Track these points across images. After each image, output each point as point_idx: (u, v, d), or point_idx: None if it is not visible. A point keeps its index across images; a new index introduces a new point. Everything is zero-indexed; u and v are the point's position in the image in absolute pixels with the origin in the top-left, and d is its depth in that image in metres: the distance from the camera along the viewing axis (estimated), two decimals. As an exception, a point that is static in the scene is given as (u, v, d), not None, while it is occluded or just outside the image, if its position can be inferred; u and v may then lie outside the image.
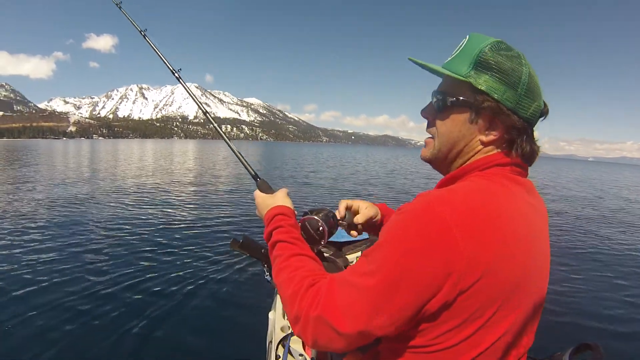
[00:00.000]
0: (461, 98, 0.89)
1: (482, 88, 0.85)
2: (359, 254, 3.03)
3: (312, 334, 0.80)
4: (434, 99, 0.95)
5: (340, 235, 1.63)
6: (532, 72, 0.88)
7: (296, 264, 0.95)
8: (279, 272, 0.96)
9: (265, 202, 1.20)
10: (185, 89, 1.76)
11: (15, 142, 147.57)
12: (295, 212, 1.17)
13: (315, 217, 1.17)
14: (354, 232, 1.33)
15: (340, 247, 3.08)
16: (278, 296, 2.30)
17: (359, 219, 1.29)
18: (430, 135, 0.98)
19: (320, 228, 1.16)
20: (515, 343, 0.84)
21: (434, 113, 0.96)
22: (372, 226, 1.36)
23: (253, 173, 1.40)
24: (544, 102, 0.90)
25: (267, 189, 1.26)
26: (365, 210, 1.31)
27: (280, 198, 1.19)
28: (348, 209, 1.31)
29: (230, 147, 1.51)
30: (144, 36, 1.88)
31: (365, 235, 3.16)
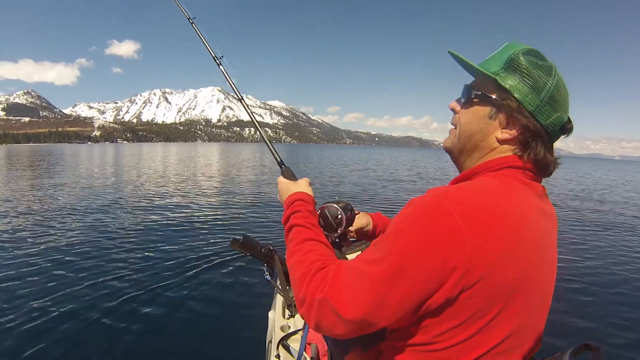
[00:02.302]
0: (484, 93, 0.93)
1: (506, 86, 0.89)
2: (359, 253, 2.90)
3: (315, 317, 0.83)
4: (462, 92, 1.00)
5: None
6: (562, 85, 0.90)
7: (308, 247, 0.99)
8: (292, 255, 1.00)
9: (288, 187, 1.25)
10: (225, 76, 1.84)
11: (42, 147, 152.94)
12: (316, 202, 1.23)
13: (335, 205, 1.23)
14: (347, 242, 1.41)
15: (340, 248, 2.95)
16: (278, 296, 2.33)
17: (354, 225, 1.38)
18: (453, 126, 1.03)
19: (339, 216, 1.22)
20: (520, 347, 0.86)
21: (460, 105, 1.01)
22: (364, 235, 1.46)
23: (279, 160, 1.47)
24: (568, 118, 0.92)
25: (291, 176, 1.32)
26: (357, 220, 1.39)
27: (302, 185, 1.25)
28: None
29: (261, 134, 1.64)
30: (192, 23, 2.03)
31: None
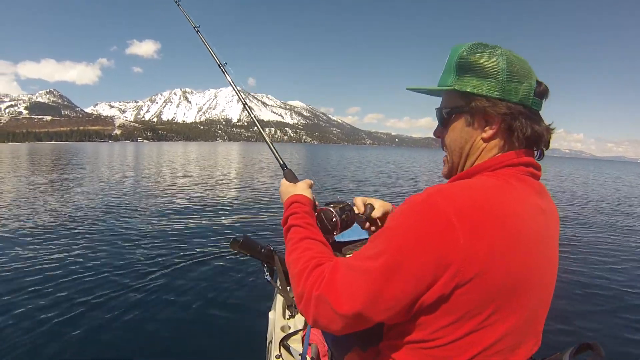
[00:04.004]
0: (452, 106, 0.96)
1: (467, 89, 0.91)
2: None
3: (313, 312, 0.86)
4: (437, 116, 1.03)
5: (341, 235, 1.51)
6: (513, 56, 0.91)
7: (305, 245, 1.03)
8: (290, 253, 1.04)
9: (287, 189, 1.31)
10: (230, 83, 1.95)
11: (64, 145, 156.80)
12: (317, 203, 1.30)
13: (331, 209, 1.26)
14: (372, 227, 1.39)
15: (340, 248, 2.95)
16: (278, 296, 2.35)
17: (376, 213, 1.37)
18: (445, 153, 1.05)
19: (334, 219, 1.24)
20: (518, 346, 0.86)
21: (440, 130, 1.03)
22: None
23: (281, 162, 1.51)
24: (537, 81, 0.92)
25: (292, 178, 1.38)
26: (382, 206, 1.39)
27: (301, 187, 1.30)
28: (369, 203, 1.38)
29: (264, 137, 1.71)
30: (197, 32, 2.10)
31: (365, 235, 2.96)
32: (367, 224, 1.38)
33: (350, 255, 2.86)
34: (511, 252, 0.79)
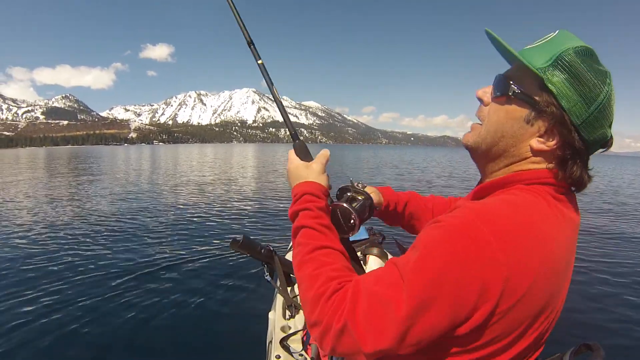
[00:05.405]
0: (526, 92, 0.82)
1: (553, 89, 0.78)
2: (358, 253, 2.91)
3: (331, 344, 0.77)
4: (497, 82, 0.87)
5: None
6: (613, 95, 0.80)
7: (322, 258, 0.89)
8: (302, 265, 0.90)
9: (298, 171, 1.08)
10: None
11: (80, 149, 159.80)
12: (331, 186, 1.09)
13: (349, 208, 1.05)
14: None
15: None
16: (278, 296, 2.34)
17: None
18: (479, 121, 0.93)
19: (352, 221, 1.05)
20: (532, 353, 0.85)
21: (492, 96, 0.89)
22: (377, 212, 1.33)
23: (293, 132, 1.22)
24: (611, 134, 0.82)
25: (304, 154, 1.13)
26: (371, 193, 1.25)
27: (316, 171, 1.06)
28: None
29: (276, 101, 1.40)
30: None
31: (365, 235, 2.94)
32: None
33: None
34: (549, 277, 0.75)
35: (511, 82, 0.83)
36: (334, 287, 0.81)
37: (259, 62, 1.35)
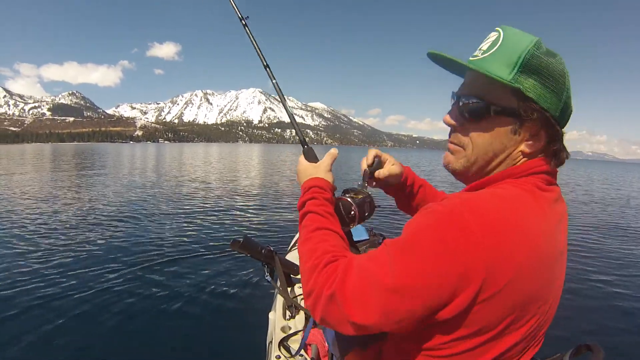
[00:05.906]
0: (507, 106, 0.82)
1: (531, 95, 0.79)
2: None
3: (321, 312, 0.81)
4: (467, 105, 0.87)
5: None
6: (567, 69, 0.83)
7: (321, 236, 0.95)
8: (304, 242, 0.97)
9: (307, 170, 1.18)
10: (251, 39, 1.58)
11: (85, 146, 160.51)
12: (336, 187, 1.18)
13: (349, 200, 1.16)
14: (373, 183, 1.30)
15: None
16: (278, 296, 2.35)
17: (380, 173, 1.26)
18: (458, 146, 0.92)
19: (352, 212, 1.15)
20: (526, 349, 0.85)
21: (466, 120, 0.89)
22: (390, 186, 1.34)
23: (302, 138, 1.39)
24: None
25: (312, 158, 1.25)
26: (392, 166, 1.29)
27: (322, 170, 1.17)
28: (377, 157, 1.27)
29: (286, 110, 1.51)
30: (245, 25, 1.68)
31: (365, 235, 2.98)
32: (369, 179, 1.27)
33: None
34: (535, 268, 0.76)
35: (488, 102, 0.84)
36: (328, 259, 0.86)
37: (274, 81, 1.47)
